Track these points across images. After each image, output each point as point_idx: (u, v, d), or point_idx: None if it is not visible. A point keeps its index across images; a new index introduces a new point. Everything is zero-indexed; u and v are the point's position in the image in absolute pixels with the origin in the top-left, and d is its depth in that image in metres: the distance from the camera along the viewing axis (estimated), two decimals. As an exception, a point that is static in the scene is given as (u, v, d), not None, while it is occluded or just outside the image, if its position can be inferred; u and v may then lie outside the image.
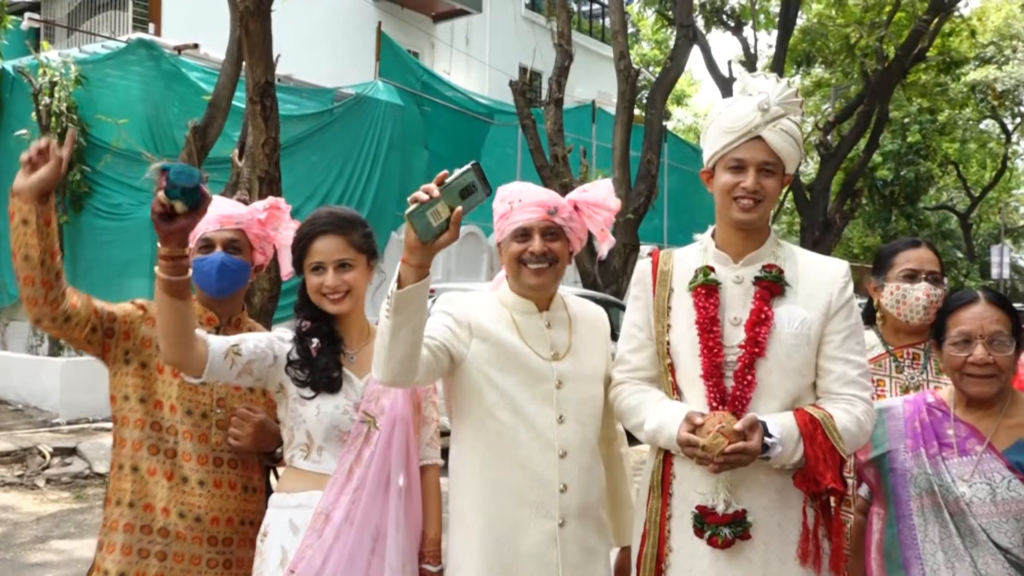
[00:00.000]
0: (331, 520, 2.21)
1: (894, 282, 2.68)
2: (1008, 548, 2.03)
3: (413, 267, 1.91)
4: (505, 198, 2.33)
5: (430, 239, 1.88)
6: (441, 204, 1.86)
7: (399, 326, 1.95)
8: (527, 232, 2.29)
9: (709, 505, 2.11)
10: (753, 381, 2.12)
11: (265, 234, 2.55)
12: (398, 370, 2.02)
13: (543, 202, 2.31)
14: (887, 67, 17.28)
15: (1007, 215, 37.90)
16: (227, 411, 2.44)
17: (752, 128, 2.14)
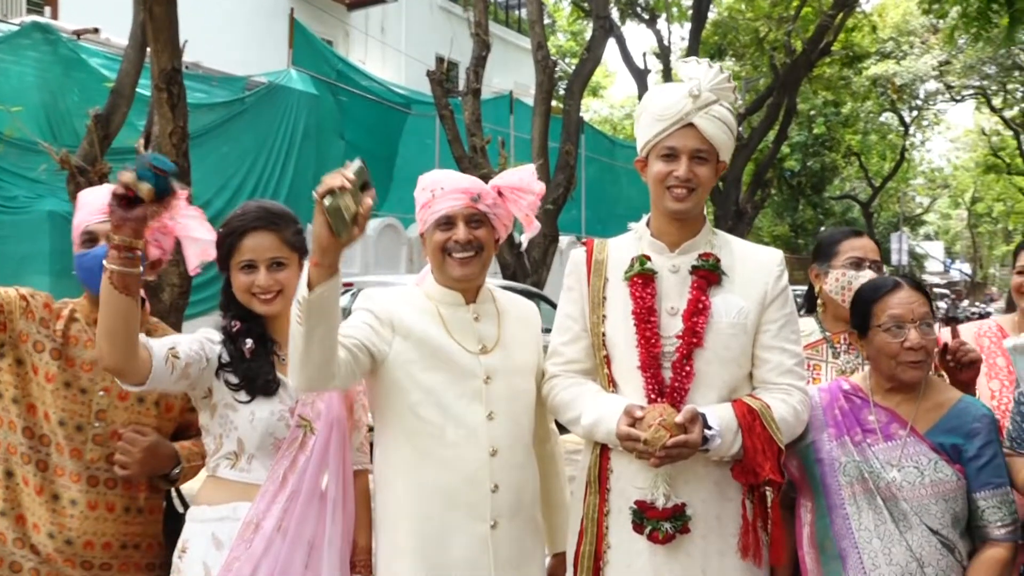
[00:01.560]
0: (261, 529, 2.08)
1: (840, 269, 2.66)
2: (938, 530, 2.06)
3: (323, 268, 1.81)
4: (427, 186, 2.24)
5: (344, 234, 1.77)
6: (348, 198, 1.75)
7: (312, 330, 1.84)
8: (451, 220, 2.21)
9: (648, 500, 2.07)
10: (691, 372, 2.08)
11: (160, 224, 2.24)
12: (315, 375, 1.92)
13: (466, 189, 2.23)
14: (794, 61, 17.73)
15: (905, 204, 39.62)
16: (107, 425, 2.19)
17: (683, 115, 2.10)
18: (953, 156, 41.64)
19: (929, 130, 33.83)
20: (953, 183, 41.94)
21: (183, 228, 2.27)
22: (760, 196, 18.59)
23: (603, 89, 33.69)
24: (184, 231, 2.26)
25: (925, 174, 40.90)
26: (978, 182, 37.34)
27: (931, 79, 26.48)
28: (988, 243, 45.84)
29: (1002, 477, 2.09)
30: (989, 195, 38.11)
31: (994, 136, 31.09)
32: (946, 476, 2.08)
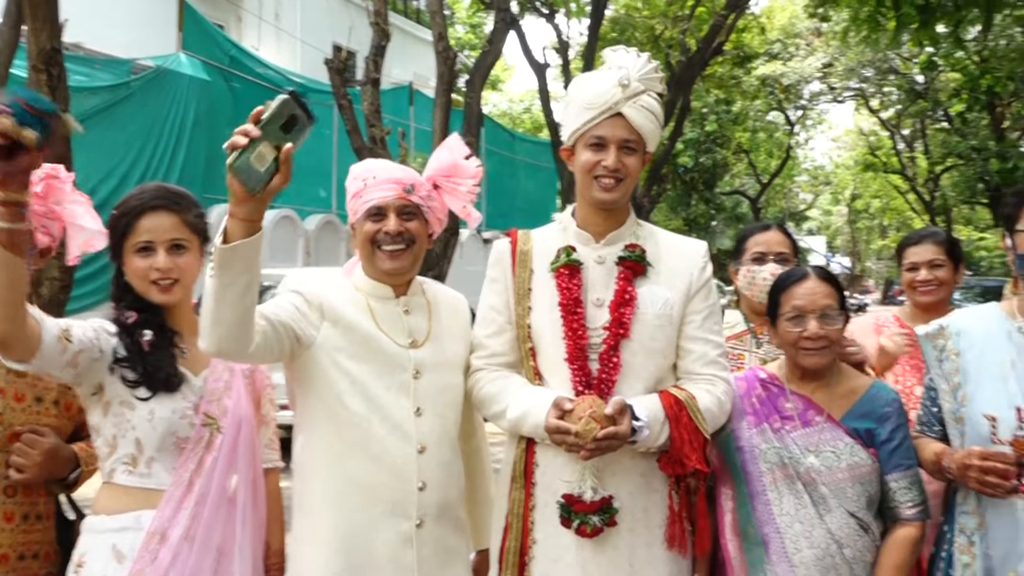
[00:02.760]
0: (168, 539, 1.94)
1: (745, 265, 2.75)
2: (854, 512, 2.11)
3: (241, 220, 1.69)
4: (358, 176, 2.16)
5: (258, 186, 1.65)
6: (264, 145, 1.63)
7: (225, 287, 1.72)
8: (381, 211, 2.12)
9: (576, 493, 2.04)
10: (618, 363, 2.07)
11: (47, 209, 2.08)
12: (226, 337, 1.79)
13: (399, 179, 2.14)
14: (689, 59, 18.16)
15: (790, 200, 41.31)
16: (4, 429, 2.02)
17: (612, 104, 2.07)
18: (834, 155, 43.65)
19: (813, 129, 35.37)
20: (834, 180, 43.94)
21: (70, 215, 2.10)
22: (656, 191, 19.01)
23: (502, 83, 33.74)
24: (71, 218, 2.09)
25: (809, 171, 42.74)
26: (857, 180, 39.18)
27: (815, 80, 27.61)
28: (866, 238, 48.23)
29: (912, 459, 2.17)
30: (867, 192, 40.07)
31: (872, 136, 32.67)
32: (861, 460, 2.13)
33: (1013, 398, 1.97)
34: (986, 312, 2.17)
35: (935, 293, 2.86)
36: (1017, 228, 2.02)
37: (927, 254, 2.88)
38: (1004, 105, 20.98)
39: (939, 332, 2.19)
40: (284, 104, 1.66)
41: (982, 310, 2.20)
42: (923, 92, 24.42)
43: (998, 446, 1.93)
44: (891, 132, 29.38)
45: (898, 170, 29.94)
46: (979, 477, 1.91)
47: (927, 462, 2.15)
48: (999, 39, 17.88)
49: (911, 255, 2.92)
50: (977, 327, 2.13)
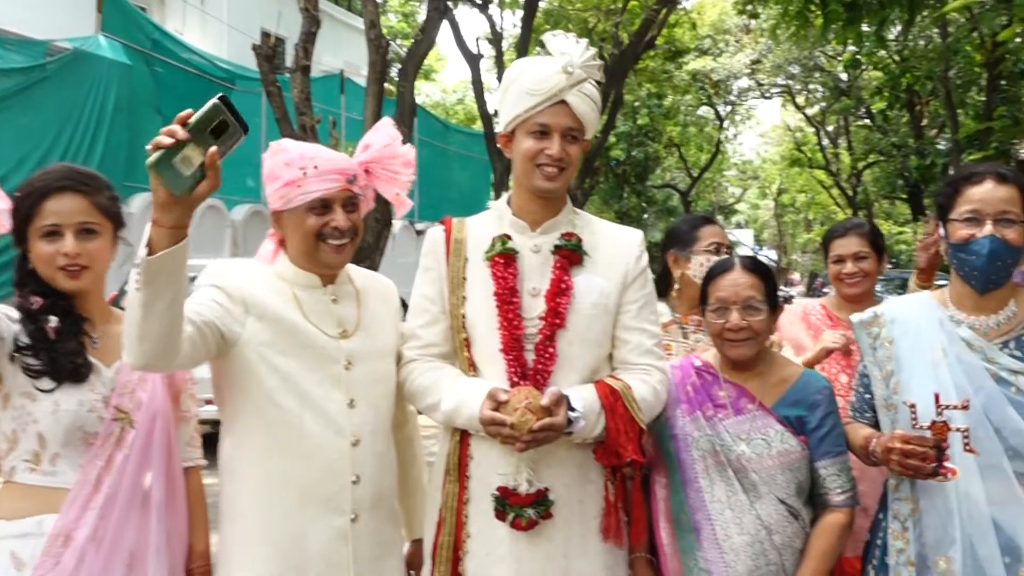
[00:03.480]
0: (73, 541, 1.83)
1: (703, 255, 2.75)
2: (784, 498, 2.13)
3: (167, 228, 1.61)
4: (293, 162, 2.04)
5: (184, 191, 1.57)
6: (190, 148, 1.56)
7: (153, 299, 1.63)
8: (328, 204, 2.04)
9: (511, 486, 2.01)
10: (554, 353, 2.04)
11: None
12: (154, 352, 1.71)
13: (343, 169, 2.07)
14: (622, 52, 18.28)
15: (719, 194, 42.06)
16: None
17: (557, 92, 2.03)
18: (762, 150, 44.63)
19: (741, 124, 36.04)
20: (762, 175, 44.94)
21: None
22: (589, 184, 19.10)
23: (435, 73, 33.51)
24: None
25: (737, 166, 43.57)
26: (783, 174, 40.11)
27: (743, 76, 28.16)
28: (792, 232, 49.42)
29: (841, 446, 2.20)
30: (793, 187, 41.06)
31: (798, 132, 33.48)
32: (792, 447, 2.15)
33: (944, 386, 1.99)
34: (919, 301, 2.20)
35: (860, 285, 2.92)
36: (951, 217, 2.05)
37: (852, 246, 2.93)
38: (923, 104, 21.70)
39: (874, 320, 2.22)
40: (214, 109, 1.59)
41: (915, 299, 2.23)
42: (847, 90, 25.11)
43: (918, 430, 1.96)
44: (816, 128, 30.15)
45: (823, 165, 30.74)
46: (901, 460, 1.94)
47: (857, 447, 2.18)
48: (918, 39, 18.48)
49: (837, 247, 2.97)
50: (910, 315, 2.16)
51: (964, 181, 2.05)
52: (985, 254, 1.97)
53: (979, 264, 1.99)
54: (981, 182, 2.02)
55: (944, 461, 1.89)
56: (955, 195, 2.06)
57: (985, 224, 1.98)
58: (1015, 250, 1.99)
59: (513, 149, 2.11)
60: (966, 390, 1.97)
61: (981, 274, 2.01)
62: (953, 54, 15.42)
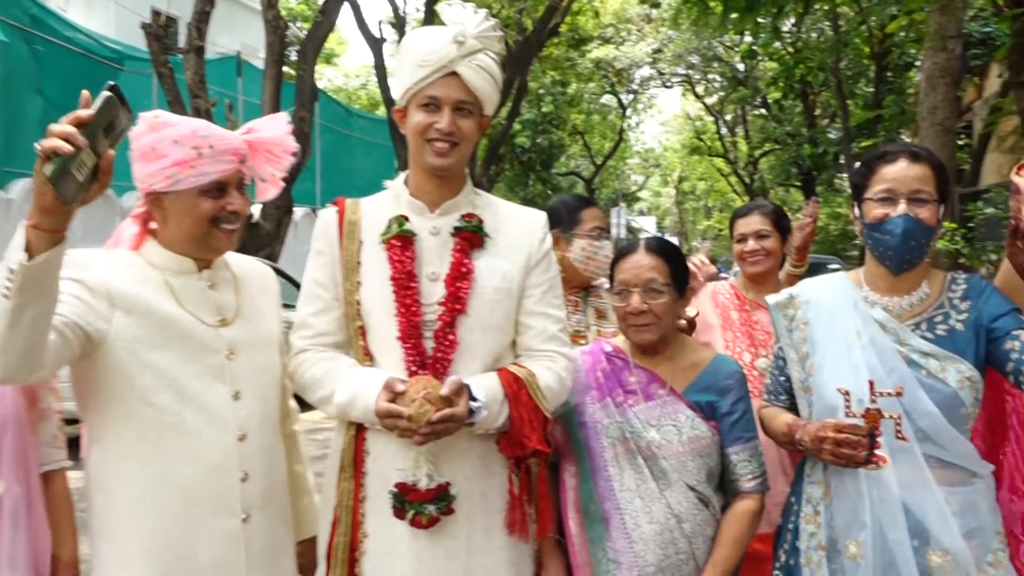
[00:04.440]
0: None
1: (586, 239, 2.71)
2: (694, 485, 2.09)
3: (47, 232, 1.46)
4: (184, 139, 1.86)
5: (76, 197, 1.44)
6: (86, 152, 1.43)
7: (23, 307, 1.48)
8: (223, 187, 1.89)
9: (410, 481, 1.90)
10: (454, 341, 1.94)
11: None
12: (18, 365, 1.55)
13: (236, 149, 1.92)
14: (526, 39, 18.26)
15: (623, 181, 42.70)
16: None
17: (447, 62, 1.92)
18: (663, 138, 45.56)
19: (643, 113, 36.66)
20: (663, 163, 45.85)
21: None
22: (494, 170, 19.06)
23: (337, 57, 32.81)
24: None
25: (640, 154, 44.35)
26: (684, 162, 41.01)
27: (645, 65, 28.59)
28: (692, 219, 50.61)
29: (752, 431, 2.17)
30: (694, 175, 42.01)
31: (698, 121, 34.25)
32: (702, 433, 2.11)
33: (859, 369, 1.98)
34: (834, 282, 2.18)
35: (762, 263, 2.93)
36: (865, 197, 2.02)
37: (754, 225, 2.96)
38: (815, 94, 22.47)
39: (789, 301, 2.19)
40: (108, 104, 1.46)
41: (830, 279, 2.21)
42: (744, 80, 25.79)
43: (851, 418, 1.93)
44: (715, 117, 30.89)
45: (721, 154, 31.54)
46: (833, 449, 1.90)
47: (777, 433, 2.15)
48: (811, 32, 19.09)
49: (740, 226, 3.00)
50: (825, 296, 2.14)
51: (879, 160, 2.03)
52: (899, 233, 1.95)
53: (893, 244, 1.97)
54: (895, 161, 2.00)
55: (876, 449, 1.87)
56: (870, 174, 2.03)
57: (899, 203, 1.96)
58: (929, 230, 1.97)
59: (407, 125, 2.00)
60: (879, 372, 1.95)
61: (896, 254, 1.99)
62: (843, 46, 15.97)
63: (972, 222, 10.40)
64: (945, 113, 9.79)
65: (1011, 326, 1.93)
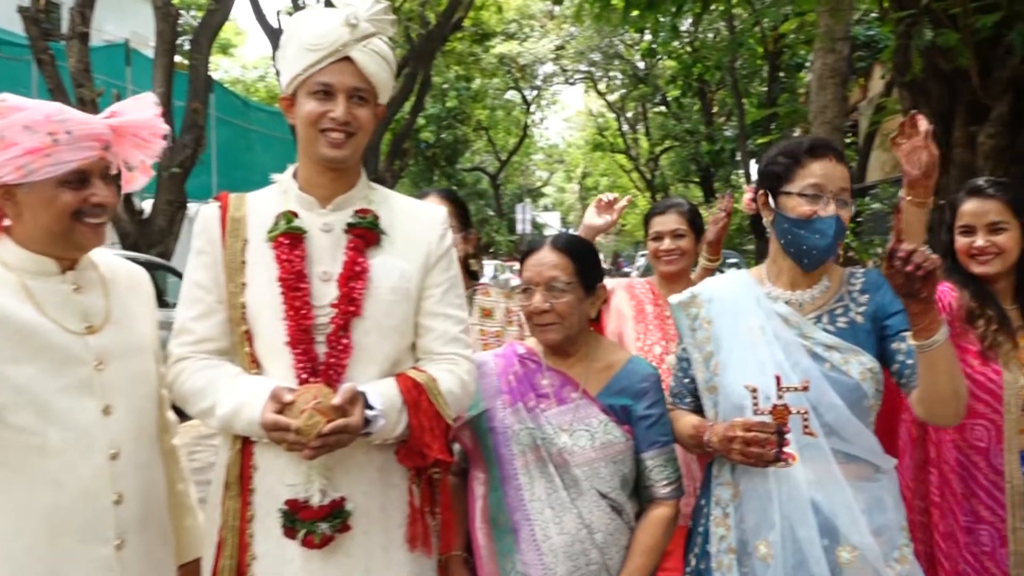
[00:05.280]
0: None
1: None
2: (607, 493, 2.02)
3: None
4: (37, 125, 1.68)
5: None
6: None
7: None
8: (85, 177, 1.72)
9: (301, 498, 1.77)
10: (349, 345, 1.80)
11: None
12: None
13: (99, 135, 1.75)
14: (429, 33, 18.09)
15: (527, 177, 42.92)
16: None
17: (340, 47, 1.80)
18: (567, 134, 45.96)
19: (547, 109, 36.94)
20: (567, 159, 46.27)
21: None
22: (398, 165, 18.81)
23: (234, 48, 31.79)
24: None
25: (544, 150, 44.64)
26: (587, 159, 41.45)
27: (548, 62, 28.76)
28: (595, 214, 51.26)
29: (668, 435, 2.10)
30: (596, 171, 42.50)
31: (600, 117, 34.65)
32: (616, 438, 2.04)
33: (764, 365, 1.95)
34: (736, 279, 2.14)
35: (677, 263, 2.93)
36: (787, 189, 1.97)
37: (671, 224, 2.94)
38: (712, 92, 23.02)
39: (692, 300, 2.13)
40: None
41: (732, 277, 2.17)
42: (644, 78, 26.20)
43: (759, 415, 1.89)
44: (617, 114, 31.32)
45: (623, 150, 32.01)
46: (742, 449, 1.86)
47: (684, 436, 2.10)
48: (708, 32, 19.51)
49: (656, 224, 2.97)
50: (728, 294, 2.10)
51: (807, 154, 1.97)
52: (831, 235, 1.94)
53: (821, 244, 1.95)
54: (823, 157, 1.96)
55: (784, 446, 1.83)
56: (795, 167, 1.97)
57: (829, 203, 1.93)
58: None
59: (296, 114, 1.86)
60: (784, 367, 1.92)
61: (819, 253, 1.97)
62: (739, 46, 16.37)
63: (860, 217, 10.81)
64: (834, 112, 10.15)
65: (901, 326, 1.94)
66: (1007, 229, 2.33)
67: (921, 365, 1.82)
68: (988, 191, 2.36)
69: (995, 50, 5.03)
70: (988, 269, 2.35)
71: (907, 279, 1.68)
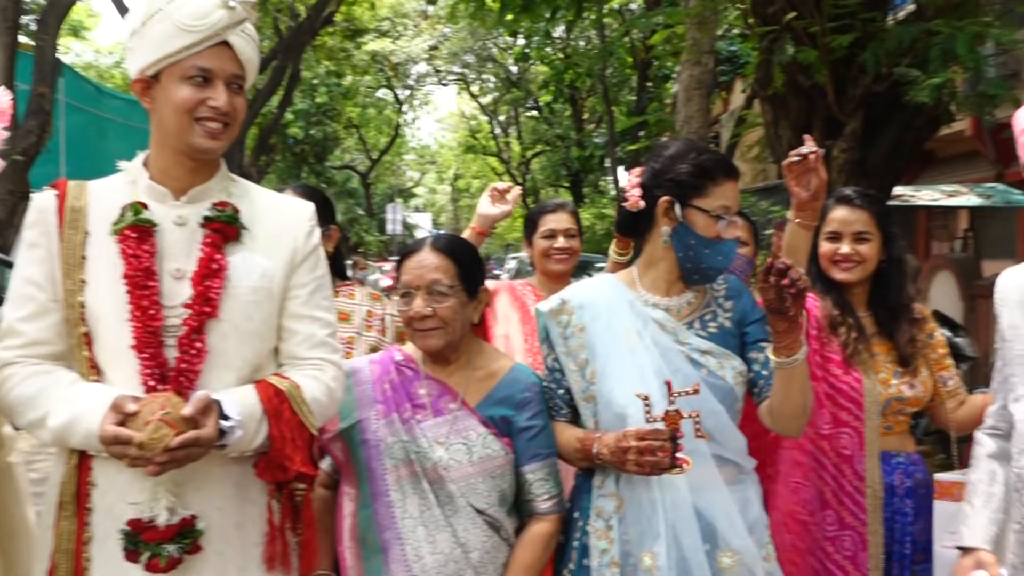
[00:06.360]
0: None
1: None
2: (484, 509, 1.94)
3: None
4: None
5: None
6: None
7: None
8: None
9: (145, 517, 1.60)
10: (203, 349, 1.65)
11: None
12: None
13: None
14: (299, 26, 17.61)
15: (399, 177, 42.55)
16: None
17: (220, 29, 1.66)
18: (439, 135, 45.78)
19: (420, 109, 36.68)
20: (439, 160, 46.11)
21: None
22: (264, 161, 18.21)
23: (87, 31, 29.97)
24: None
25: (416, 150, 44.31)
26: (459, 160, 41.41)
27: (422, 62, 28.57)
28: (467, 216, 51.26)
29: (551, 448, 2.02)
30: (468, 173, 42.48)
31: (473, 120, 34.69)
32: (495, 452, 1.96)
33: (645, 372, 1.92)
34: (605, 284, 2.10)
35: (568, 262, 2.93)
36: (697, 204, 1.94)
37: (564, 223, 2.94)
38: (583, 99, 23.46)
39: (562, 307, 2.06)
40: None
41: (600, 282, 2.13)
42: (517, 82, 26.43)
43: (651, 423, 1.84)
44: (489, 117, 31.45)
45: (495, 153, 32.18)
46: (637, 459, 1.81)
47: (569, 449, 2.02)
48: (579, 39, 19.87)
49: (549, 222, 2.95)
50: (600, 299, 2.05)
51: (721, 171, 1.96)
52: (732, 259, 1.97)
53: (722, 265, 1.97)
54: (732, 177, 1.97)
55: (678, 452, 1.80)
56: (708, 182, 1.94)
57: (732, 227, 1.95)
58: None
59: (157, 98, 1.70)
60: (664, 373, 1.90)
61: (715, 274, 2.00)
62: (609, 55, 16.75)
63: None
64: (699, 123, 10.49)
65: (758, 336, 1.97)
66: (870, 239, 2.42)
67: (777, 380, 1.86)
68: (856, 201, 2.44)
69: (849, 69, 5.31)
70: (850, 276, 2.42)
71: (779, 295, 1.70)
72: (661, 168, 2.00)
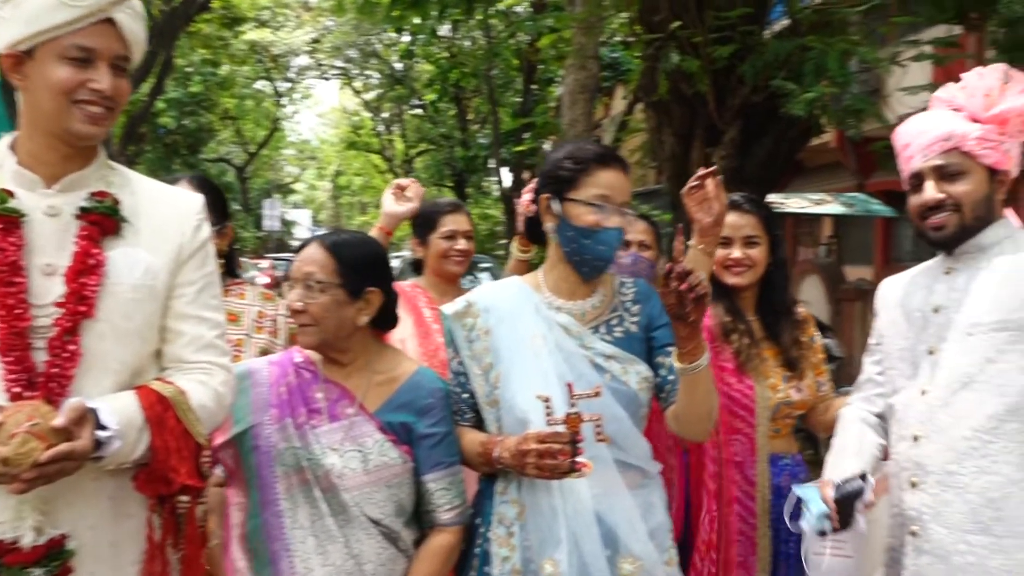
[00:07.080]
0: None
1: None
2: (380, 520, 1.87)
3: None
4: None
5: None
6: None
7: None
8: None
9: (8, 539, 1.46)
10: (77, 352, 1.51)
11: None
12: None
13: None
14: (173, 11, 16.88)
15: (277, 172, 41.43)
16: None
17: (105, 6, 1.53)
18: (320, 131, 44.82)
19: (300, 103, 35.78)
20: (320, 156, 45.13)
21: None
22: (133, 151, 17.37)
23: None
24: None
25: (295, 145, 43.24)
26: (341, 157, 40.66)
27: (303, 54, 27.90)
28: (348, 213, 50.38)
29: (454, 456, 1.97)
30: (350, 170, 41.75)
31: (355, 116, 34.10)
32: (392, 460, 1.89)
33: (548, 376, 1.90)
34: (511, 286, 2.07)
35: (464, 264, 2.89)
36: (573, 196, 1.93)
37: (464, 224, 2.90)
38: (468, 99, 23.44)
39: (467, 310, 2.03)
40: None
41: (505, 285, 2.10)
42: (401, 79, 26.15)
43: (552, 426, 1.82)
44: (372, 114, 31.01)
45: (378, 150, 31.76)
46: (537, 462, 1.78)
47: (472, 454, 1.98)
48: (465, 39, 19.86)
49: (449, 223, 2.87)
50: (505, 302, 2.02)
51: (595, 162, 1.94)
52: (616, 247, 1.94)
53: (606, 254, 1.95)
54: (610, 166, 1.95)
55: (578, 455, 1.77)
56: (582, 174, 1.93)
57: (613, 215, 1.92)
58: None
59: (30, 75, 1.55)
60: (567, 378, 1.88)
61: (602, 264, 1.97)
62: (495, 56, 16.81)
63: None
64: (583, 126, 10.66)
65: (665, 340, 1.97)
66: (759, 243, 2.47)
67: (682, 385, 1.87)
68: (745, 206, 2.49)
69: (729, 79, 5.48)
70: (741, 280, 2.47)
71: (679, 300, 1.71)
72: (544, 169, 2.03)
